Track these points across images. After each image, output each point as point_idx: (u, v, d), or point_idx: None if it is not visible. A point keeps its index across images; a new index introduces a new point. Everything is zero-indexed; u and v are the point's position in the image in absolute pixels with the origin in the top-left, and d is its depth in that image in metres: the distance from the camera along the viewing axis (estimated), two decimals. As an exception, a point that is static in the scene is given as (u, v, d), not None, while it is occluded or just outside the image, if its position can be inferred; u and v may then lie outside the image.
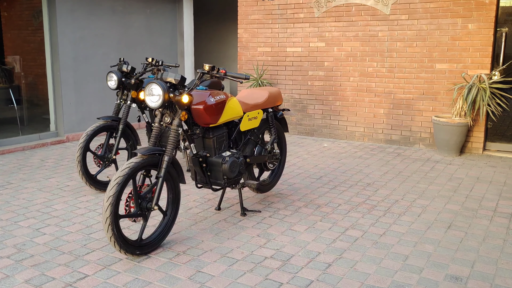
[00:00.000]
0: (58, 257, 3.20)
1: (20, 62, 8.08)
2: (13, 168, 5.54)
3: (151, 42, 8.34)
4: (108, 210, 2.94)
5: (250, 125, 3.98)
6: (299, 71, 7.63)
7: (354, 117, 7.28)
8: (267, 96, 4.15)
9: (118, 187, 2.97)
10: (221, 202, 4.18)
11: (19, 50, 8.03)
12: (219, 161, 3.64)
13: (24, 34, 8.15)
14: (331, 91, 7.40)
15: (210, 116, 3.46)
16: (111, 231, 2.96)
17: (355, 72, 7.16)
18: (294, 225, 3.83)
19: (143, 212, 3.19)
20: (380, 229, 3.76)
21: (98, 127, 4.50)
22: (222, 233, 3.65)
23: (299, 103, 7.71)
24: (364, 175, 5.37)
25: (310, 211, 4.15)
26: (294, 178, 5.20)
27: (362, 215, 4.07)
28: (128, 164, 3.05)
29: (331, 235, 3.62)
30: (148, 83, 3.21)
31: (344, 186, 4.93)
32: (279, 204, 4.34)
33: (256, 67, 7.93)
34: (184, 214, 4.05)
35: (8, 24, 8.42)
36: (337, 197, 4.57)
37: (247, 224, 3.85)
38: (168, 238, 3.54)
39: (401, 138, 6.95)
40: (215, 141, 3.64)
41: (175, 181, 3.40)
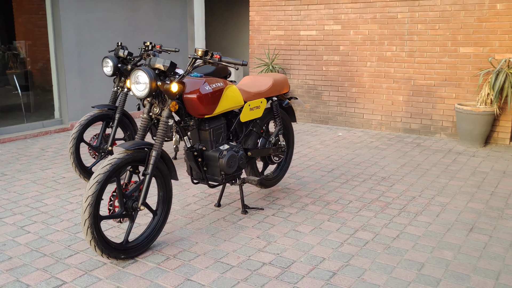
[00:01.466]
0: (37, 260, 2.95)
1: (26, 47, 7.86)
2: (11, 158, 5.32)
3: (159, 26, 8.02)
4: (87, 211, 2.65)
5: (252, 115, 3.64)
6: (313, 56, 7.22)
7: (371, 105, 6.86)
8: (271, 83, 3.80)
9: (97, 186, 2.67)
10: (221, 198, 3.87)
11: (30, 35, 7.80)
12: (216, 155, 3.32)
13: (35, 18, 7.92)
14: (347, 76, 6.99)
15: (204, 106, 3.13)
16: (90, 234, 2.68)
17: (372, 56, 6.73)
18: (298, 225, 3.50)
19: (129, 212, 2.90)
20: (393, 231, 3.40)
21: (92, 116, 4.22)
22: (219, 234, 3.34)
23: (313, 90, 7.32)
24: (379, 168, 4.99)
25: (318, 209, 3.81)
26: (304, 171, 4.86)
27: (374, 214, 3.72)
28: (110, 161, 2.75)
29: (339, 238, 3.28)
30: (134, 70, 2.90)
31: (357, 180, 4.57)
32: (284, 200, 4.01)
33: (267, 52, 7.55)
34: (181, 211, 3.76)
35: (20, 9, 8.20)
36: (348, 192, 4.21)
37: (247, 223, 3.53)
38: (160, 239, 3.25)
39: (421, 127, 6.52)
40: (211, 133, 3.31)
41: (166, 177, 3.10)
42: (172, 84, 2.88)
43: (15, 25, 8.16)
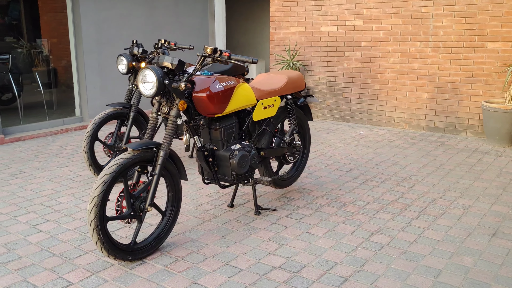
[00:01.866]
0: (46, 260, 2.93)
1: (49, 45, 7.96)
2: (31, 155, 5.37)
3: (179, 23, 7.99)
4: (93, 212, 2.62)
5: (265, 114, 3.55)
6: (334, 52, 7.07)
7: (394, 102, 6.67)
8: (285, 81, 3.69)
9: (103, 186, 2.63)
10: (234, 199, 3.80)
11: (55, 33, 7.90)
12: (227, 155, 3.24)
13: (60, 16, 8.01)
14: (369, 73, 6.81)
15: (214, 105, 3.05)
16: (96, 235, 2.65)
17: (395, 52, 6.54)
18: (312, 227, 3.40)
19: (137, 213, 2.85)
20: (411, 235, 3.26)
21: (106, 114, 4.21)
22: (229, 235, 3.27)
23: (335, 87, 7.17)
24: (400, 167, 4.83)
25: (333, 211, 3.70)
26: (321, 171, 4.74)
27: (392, 216, 3.58)
28: (117, 161, 2.71)
29: (353, 241, 3.17)
30: (141, 68, 2.84)
31: (376, 180, 4.43)
32: (299, 201, 3.91)
33: (288, 48, 7.43)
34: (193, 211, 3.70)
35: (45, 7, 8.31)
36: (366, 193, 4.08)
37: (259, 225, 3.45)
38: (170, 240, 3.20)
39: (446, 125, 6.31)
40: (222, 133, 3.24)
41: (175, 177, 3.04)
42: (180, 83, 2.81)
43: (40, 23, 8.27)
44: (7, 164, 5.02)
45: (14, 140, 5.99)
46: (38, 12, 8.33)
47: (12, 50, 7.49)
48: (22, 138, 6.07)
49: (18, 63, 7.37)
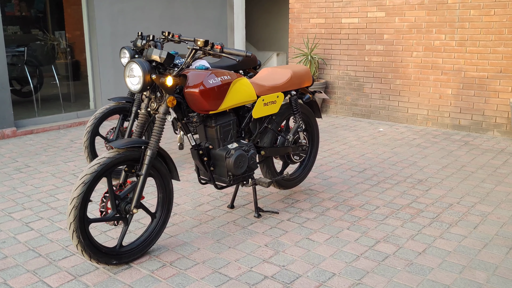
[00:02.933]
0: (31, 261, 2.82)
1: (67, 37, 7.93)
2: (40, 148, 5.33)
3: (197, 16, 7.83)
4: (72, 214, 2.48)
5: (266, 111, 3.34)
6: (355, 45, 6.78)
7: (416, 98, 6.34)
8: (289, 76, 3.47)
9: (83, 187, 2.49)
10: (234, 200, 3.62)
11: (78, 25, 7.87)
12: (223, 155, 3.05)
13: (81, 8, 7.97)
14: (390, 67, 6.50)
15: (208, 101, 2.87)
16: (76, 238, 2.51)
17: (419, 46, 6.20)
18: (314, 232, 3.18)
19: (122, 215, 2.70)
20: (420, 244, 3.01)
21: (108, 109, 4.08)
22: (224, 239, 3.09)
23: (355, 81, 6.88)
24: (418, 169, 4.54)
25: (339, 215, 3.47)
26: (332, 170, 4.50)
27: (402, 223, 3.33)
28: (99, 160, 2.56)
29: (356, 250, 2.94)
30: (128, 62, 2.68)
31: (390, 182, 4.16)
32: (304, 203, 3.69)
33: (306, 41, 7.17)
34: (191, 212, 3.54)
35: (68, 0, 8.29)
36: (377, 197, 3.83)
37: (258, 228, 3.25)
38: (162, 242, 3.05)
39: (472, 123, 5.94)
40: (218, 131, 3.05)
41: (165, 178, 2.87)
42: (167, 78, 2.64)
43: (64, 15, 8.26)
44: (14, 157, 4.98)
45: (26, 133, 5.97)
46: (63, 4, 8.32)
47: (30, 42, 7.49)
48: (34, 131, 6.05)
49: (36, 56, 7.37)
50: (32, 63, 7.34)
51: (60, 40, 7.84)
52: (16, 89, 7.71)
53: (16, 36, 7.52)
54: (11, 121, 5.82)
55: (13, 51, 6.98)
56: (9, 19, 7.70)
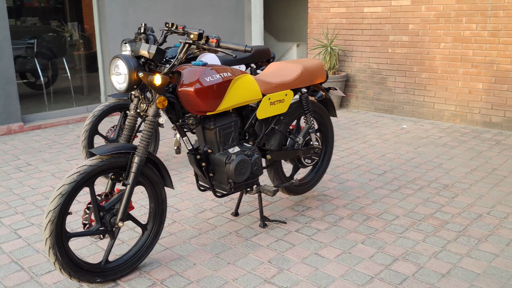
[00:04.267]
0: (11, 275, 2.59)
1: (79, 29, 7.73)
2: (45, 145, 5.13)
3: (213, 5, 7.51)
4: (47, 229, 2.22)
5: (273, 111, 3.01)
6: (378, 36, 6.36)
7: (443, 93, 5.90)
8: (299, 72, 3.13)
9: (60, 199, 2.22)
10: (238, 207, 3.32)
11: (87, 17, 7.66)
12: (222, 160, 2.75)
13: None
14: (416, 60, 6.06)
15: (204, 101, 2.56)
16: (53, 255, 2.25)
17: (447, 36, 5.74)
18: (324, 247, 2.86)
19: (107, 228, 2.44)
20: (444, 264, 2.65)
21: (107, 106, 3.82)
22: (224, 254, 2.80)
23: (377, 74, 6.46)
24: (443, 172, 4.15)
25: (354, 225, 3.13)
26: (350, 173, 4.15)
27: (423, 236, 2.97)
28: (79, 168, 2.29)
29: (370, 269, 2.60)
30: (113, 58, 2.39)
31: (412, 187, 3.79)
32: (316, 211, 3.37)
33: (326, 32, 6.78)
34: (191, 220, 3.25)
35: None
36: (396, 204, 3.47)
37: (262, 240, 2.95)
38: (156, 255, 2.77)
39: (504, 120, 5.48)
40: (217, 133, 2.75)
41: (156, 186, 2.59)
42: (155, 76, 2.34)
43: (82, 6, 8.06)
44: (17, 155, 4.79)
45: (34, 128, 5.79)
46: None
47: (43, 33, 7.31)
48: (42, 126, 5.86)
49: (48, 48, 7.19)
50: (43, 55, 7.16)
51: (73, 31, 7.65)
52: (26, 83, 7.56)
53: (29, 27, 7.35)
54: (18, 116, 5.64)
55: (24, 43, 6.80)
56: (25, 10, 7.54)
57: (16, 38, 7.11)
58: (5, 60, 5.44)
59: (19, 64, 7.07)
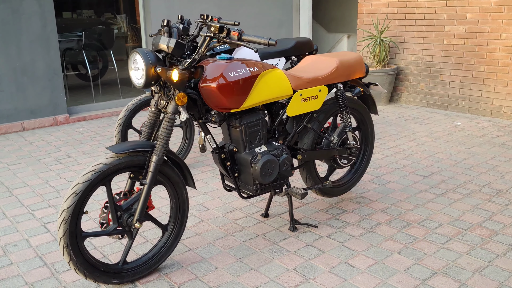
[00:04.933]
0: (33, 271, 2.57)
1: (127, 21, 7.80)
2: (86, 137, 5.18)
3: (259, -5, 7.34)
4: (61, 228, 2.16)
5: (305, 108, 2.82)
6: (432, 26, 5.96)
7: (504, 88, 5.45)
8: (334, 66, 2.92)
9: (74, 198, 2.16)
10: (269, 208, 3.16)
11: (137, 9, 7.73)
12: (248, 160, 2.60)
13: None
14: (474, 52, 5.63)
15: (227, 97, 2.42)
16: (67, 255, 2.20)
17: (509, 26, 5.28)
18: (356, 255, 2.65)
19: (125, 229, 2.36)
20: (489, 281, 2.38)
21: (141, 100, 3.77)
22: (249, 258, 2.66)
23: (431, 67, 6.07)
24: (498, 175, 3.79)
25: (391, 232, 2.90)
26: (393, 174, 3.89)
27: (469, 249, 2.69)
28: (95, 166, 2.22)
29: (405, 283, 2.38)
30: (132, 51, 2.29)
31: (460, 192, 3.49)
32: (351, 215, 3.16)
33: (376, 22, 6.44)
34: (219, 220, 3.14)
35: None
36: (441, 210, 3.19)
37: (290, 245, 2.78)
38: (177, 257, 2.68)
39: None
40: (243, 132, 2.60)
41: (177, 186, 2.48)
42: (173, 72, 2.22)
43: None
44: (59, 146, 4.87)
45: (79, 120, 5.89)
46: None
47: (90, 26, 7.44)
48: (87, 117, 5.95)
49: (94, 40, 7.31)
50: (91, 47, 7.28)
51: (122, 24, 7.73)
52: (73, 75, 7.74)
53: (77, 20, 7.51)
54: (64, 107, 5.75)
55: (72, 35, 6.94)
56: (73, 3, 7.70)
57: (64, 31, 7.28)
58: (52, 52, 5.54)
59: (67, 56, 7.24)
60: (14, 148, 4.85)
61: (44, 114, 5.65)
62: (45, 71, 5.54)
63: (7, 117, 5.40)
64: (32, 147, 4.86)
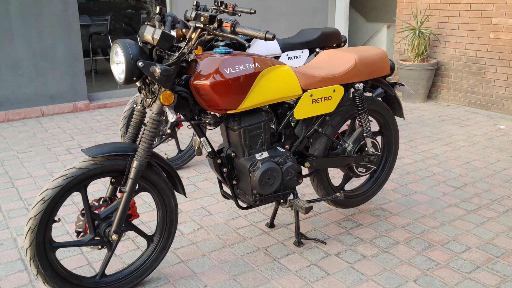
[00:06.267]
0: (11, 276, 2.39)
1: (155, 5, 7.59)
2: (102, 126, 5.02)
3: (293, -19, 6.96)
4: (28, 238, 1.95)
5: (316, 110, 2.50)
6: (478, 18, 5.43)
7: (556, 89, 4.90)
8: (352, 63, 2.56)
9: (43, 205, 1.94)
10: (274, 217, 2.87)
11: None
12: (246, 167, 2.32)
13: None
14: (523, 48, 5.09)
15: (222, 97, 2.13)
16: (34, 267, 1.99)
17: None
18: (365, 281, 2.33)
19: (103, 239, 2.13)
20: (519, 327, 2.01)
21: (149, 92, 3.53)
22: (243, 276, 2.38)
23: (474, 63, 5.56)
24: (542, 191, 3.35)
25: (409, 255, 2.55)
26: (420, 183, 3.51)
27: (500, 281, 2.32)
28: (66, 171, 1.98)
29: (417, 321, 2.04)
30: (113, 43, 2.03)
31: (495, 209, 3.08)
32: (367, 230, 2.82)
33: (416, 12, 5.95)
34: (220, 228, 2.87)
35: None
36: (471, 230, 2.81)
37: (292, 263, 2.49)
38: (166, 270, 2.44)
39: None
40: (242, 135, 2.31)
41: (164, 194, 2.23)
42: (156, 67, 1.94)
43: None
44: (73, 135, 4.73)
45: (99, 107, 5.75)
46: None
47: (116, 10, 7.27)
48: (108, 104, 5.80)
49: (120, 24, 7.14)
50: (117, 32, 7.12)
51: (151, 8, 7.53)
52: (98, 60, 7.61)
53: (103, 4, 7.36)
54: (84, 93, 5.62)
55: (98, 19, 6.80)
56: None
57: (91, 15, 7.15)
58: (73, 36, 5.40)
59: (94, 41, 7.11)
60: (28, 134, 4.74)
61: (64, 100, 5.53)
62: (65, 55, 5.41)
63: (26, 102, 5.32)
64: (46, 134, 4.74)
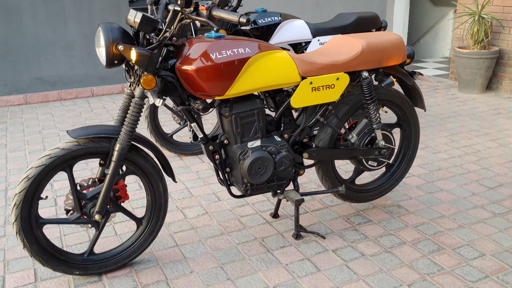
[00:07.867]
0: (14, 274, 2.53)
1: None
2: (145, 108, 5.15)
3: (349, -37, 6.68)
4: (13, 213, 2.04)
5: (316, 98, 2.37)
6: (547, 2, 4.91)
7: None
8: (359, 50, 2.40)
9: (26, 183, 2.02)
10: (278, 207, 2.79)
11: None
12: (236, 154, 2.27)
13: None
14: None
15: (207, 82, 2.08)
16: (20, 241, 2.08)
17: None
18: (355, 281, 2.21)
19: (90, 219, 2.18)
20: None
21: (173, 75, 3.55)
22: (230, 265, 2.35)
23: (541, 52, 5.05)
24: None
25: (413, 257, 2.38)
26: (450, 180, 3.26)
27: (505, 294, 2.10)
28: (50, 151, 2.05)
29: (398, 329, 1.91)
30: (98, 26, 2.05)
31: (527, 214, 2.79)
32: (375, 227, 2.67)
33: (478, -4, 5.49)
34: (224, 214, 2.85)
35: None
36: (491, 236, 2.57)
37: (285, 256, 2.41)
38: (159, 252, 2.46)
39: None
40: (234, 122, 2.26)
41: (152, 178, 2.24)
42: (131, 51, 1.93)
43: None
44: (115, 115, 4.90)
45: (147, 89, 5.89)
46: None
47: None
48: (155, 87, 5.94)
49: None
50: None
51: None
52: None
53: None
54: (132, 76, 5.79)
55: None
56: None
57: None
58: (123, 20, 5.56)
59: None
60: (75, 113, 4.98)
61: (113, 81, 5.74)
62: (115, 38, 5.58)
63: (77, 82, 5.58)
64: (91, 114, 4.95)
